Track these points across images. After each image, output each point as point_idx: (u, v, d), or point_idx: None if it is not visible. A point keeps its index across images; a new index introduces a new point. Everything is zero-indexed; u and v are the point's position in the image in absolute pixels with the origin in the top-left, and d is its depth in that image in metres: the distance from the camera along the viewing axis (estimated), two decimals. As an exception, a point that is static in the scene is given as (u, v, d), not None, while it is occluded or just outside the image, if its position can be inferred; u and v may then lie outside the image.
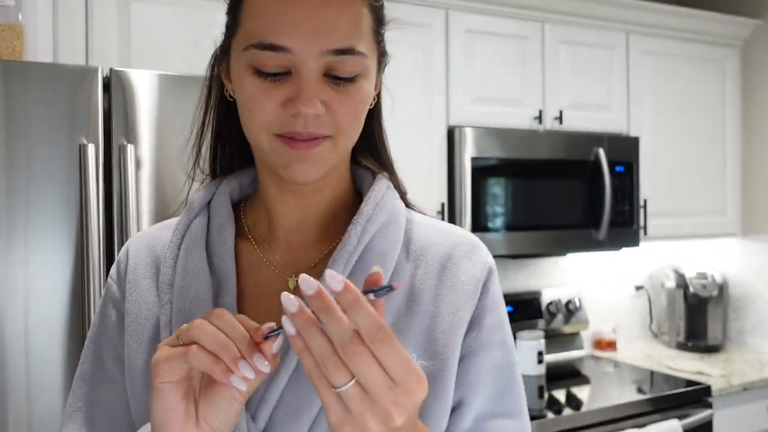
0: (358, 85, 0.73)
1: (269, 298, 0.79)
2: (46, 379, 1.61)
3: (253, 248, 0.83)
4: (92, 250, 1.62)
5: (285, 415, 0.72)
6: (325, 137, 0.73)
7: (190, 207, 0.84)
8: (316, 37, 0.70)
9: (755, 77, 3.29)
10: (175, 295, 0.77)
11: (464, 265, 0.81)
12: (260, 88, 0.72)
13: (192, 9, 2.10)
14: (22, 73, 1.60)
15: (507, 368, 0.82)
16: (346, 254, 0.77)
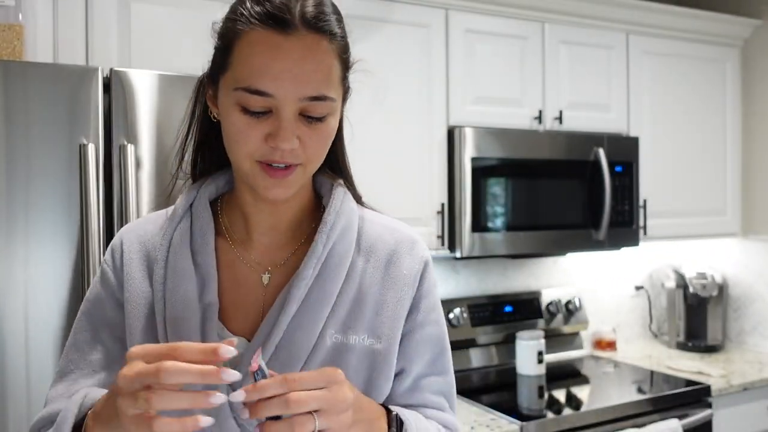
0: (327, 122, 0.88)
1: (245, 291, 0.96)
2: (46, 378, 1.61)
3: (230, 246, 0.98)
4: (92, 250, 1.62)
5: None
6: (296, 165, 0.88)
7: (175, 211, 0.98)
8: (295, 87, 0.84)
9: (755, 77, 3.29)
10: (167, 293, 0.92)
11: (406, 260, 0.99)
12: (246, 123, 0.86)
13: (192, 9, 2.10)
14: (22, 73, 1.60)
15: (439, 340, 1.02)
16: (315, 259, 0.93)
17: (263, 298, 0.95)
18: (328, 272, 0.93)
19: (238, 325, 0.93)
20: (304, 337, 0.90)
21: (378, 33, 2.41)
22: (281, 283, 0.95)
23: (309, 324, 0.91)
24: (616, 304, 3.42)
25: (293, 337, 0.90)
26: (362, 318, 0.94)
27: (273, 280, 0.96)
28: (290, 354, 0.89)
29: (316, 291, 0.92)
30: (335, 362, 0.91)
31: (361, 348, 0.93)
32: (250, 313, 0.94)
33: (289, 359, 0.89)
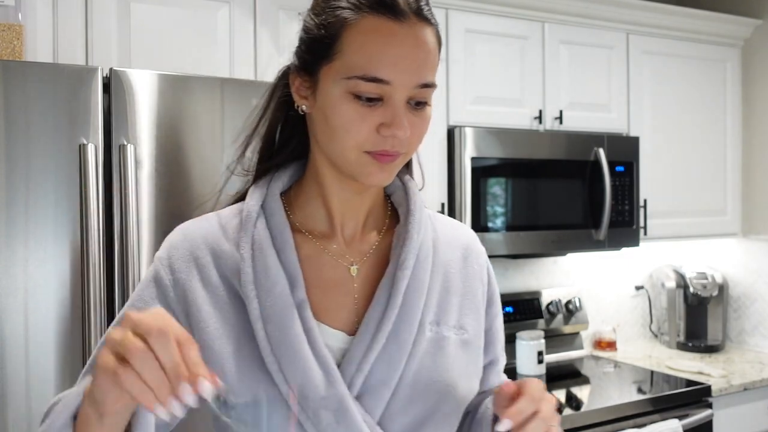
0: (428, 109, 0.89)
1: (333, 285, 0.94)
2: (46, 378, 1.61)
3: (309, 240, 0.96)
4: (92, 250, 1.62)
5: (377, 382, 0.88)
6: (401, 153, 0.88)
7: (252, 209, 0.95)
8: (412, 73, 0.85)
9: (755, 77, 3.29)
10: (261, 292, 0.89)
11: (476, 254, 1.04)
12: (357, 113, 0.85)
13: (192, 9, 2.10)
14: (22, 73, 1.60)
15: (501, 327, 1.08)
16: (414, 248, 0.94)
17: (354, 290, 0.94)
18: (421, 262, 0.95)
19: (332, 318, 0.92)
20: (408, 328, 0.90)
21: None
22: (372, 274, 0.95)
23: (411, 315, 0.91)
24: (616, 304, 3.41)
25: (399, 329, 0.90)
26: (451, 310, 0.96)
27: (361, 272, 0.96)
28: (398, 346, 0.89)
29: (413, 281, 0.93)
30: (436, 355, 0.92)
31: (454, 340, 0.95)
32: (344, 307, 0.93)
33: (397, 351, 0.89)
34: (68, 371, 1.62)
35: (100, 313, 1.62)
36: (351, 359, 0.88)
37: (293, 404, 0.85)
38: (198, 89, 1.80)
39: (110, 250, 1.68)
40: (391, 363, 0.88)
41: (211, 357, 0.87)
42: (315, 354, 0.87)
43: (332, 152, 0.90)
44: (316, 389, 0.85)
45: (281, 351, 0.86)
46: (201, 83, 1.81)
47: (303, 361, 0.85)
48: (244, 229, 0.93)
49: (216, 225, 0.97)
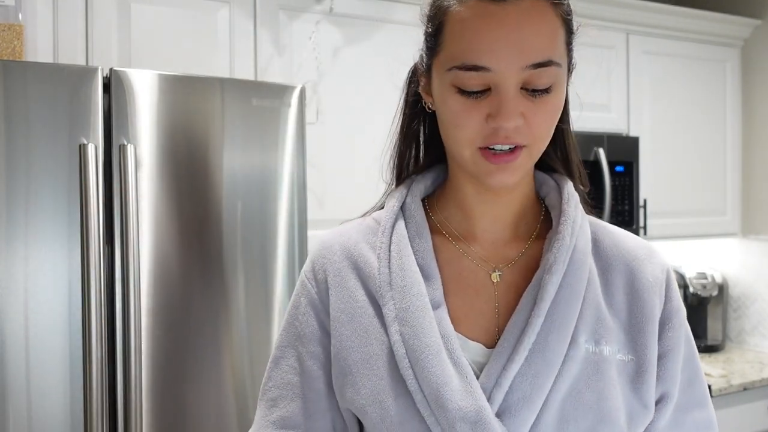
0: (553, 94, 0.79)
1: (474, 291, 0.87)
2: (47, 378, 1.61)
3: (449, 243, 0.90)
4: (92, 250, 1.62)
5: (518, 400, 0.79)
6: (521, 147, 0.80)
7: (391, 210, 0.91)
8: (515, 56, 0.76)
9: (755, 77, 3.29)
10: (396, 293, 0.84)
11: (648, 267, 0.90)
12: (463, 106, 0.79)
13: (192, 9, 2.10)
14: (22, 73, 1.60)
15: (693, 359, 0.91)
16: (564, 253, 0.84)
17: (496, 298, 0.86)
18: (574, 269, 0.84)
19: (469, 328, 0.85)
20: (557, 341, 0.80)
21: (379, 33, 2.41)
22: (516, 282, 0.87)
23: (561, 326, 0.81)
24: (616, 304, 3.41)
25: (546, 341, 0.80)
26: (611, 328, 0.85)
27: (505, 279, 0.87)
28: (545, 361, 0.80)
29: (564, 289, 0.83)
30: (594, 375, 0.82)
31: (616, 362, 0.83)
32: (483, 316, 0.86)
33: (544, 367, 0.79)
34: (68, 371, 1.63)
35: (100, 313, 1.62)
36: (490, 373, 0.80)
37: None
38: (198, 89, 1.80)
39: (111, 250, 1.68)
40: (536, 379, 0.79)
41: (344, 367, 0.85)
42: (453, 361, 0.80)
43: (452, 151, 0.85)
44: (453, 398, 0.78)
45: (416, 355, 0.80)
46: (201, 83, 1.81)
47: (440, 367, 0.79)
48: (382, 230, 0.90)
49: (355, 231, 0.94)
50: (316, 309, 0.90)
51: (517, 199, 0.90)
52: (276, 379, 0.91)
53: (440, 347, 0.81)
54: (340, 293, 0.89)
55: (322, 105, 2.32)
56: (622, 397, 0.83)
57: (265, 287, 1.86)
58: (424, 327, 0.81)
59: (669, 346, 0.87)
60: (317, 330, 0.89)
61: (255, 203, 1.85)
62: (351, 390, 0.84)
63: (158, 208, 1.73)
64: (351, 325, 0.87)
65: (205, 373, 1.78)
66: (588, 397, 0.81)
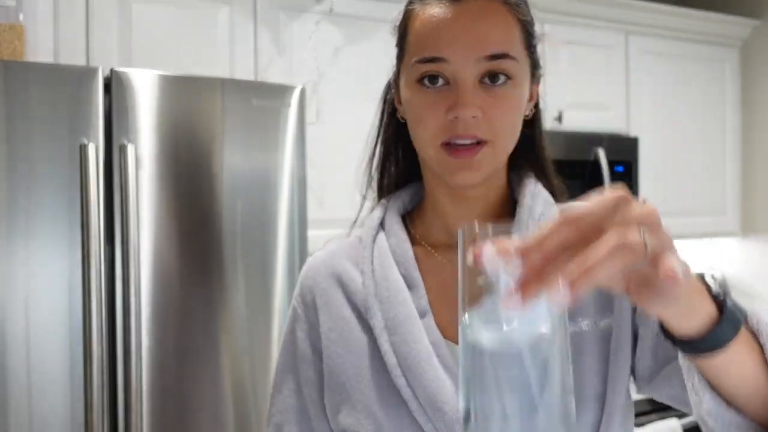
0: (510, 89, 0.81)
1: (454, 294, 0.84)
2: (47, 379, 1.61)
3: (431, 254, 0.91)
4: (93, 250, 1.62)
5: None
6: (484, 143, 0.81)
7: (370, 226, 0.93)
8: (472, 46, 0.79)
9: (755, 77, 3.29)
10: (383, 304, 0.86)
11: None
12: (425, 100, 0.81)
13: (192, 9, 2.10)
14: (22, 73, 1.60)
15: None
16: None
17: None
18: None
19: (455, 333, 0.85)
20: None
21: (379, 33, 2.41)
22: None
23: None
24: (615, 304, 3.41)
25: None
26: (587, 300, 0.85)
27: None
28: None
29: None
30: (575, 352, 0.76)
31: (593, 331, 0.83)
32: None
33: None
34: (68, 371, 1.63)
35: (100, 313, 1.62)
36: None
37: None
38: (198, 89, 1.80)
39: (111, 250, 1.68)
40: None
41: (338, 384, 0.86)
42: (444, 366, 0.81)
43: (420, 152, 0.87)
44: (450, 401, 0.78)
45: (408, 363, 0.81)
46: (201, 83, 1.82)
47: (433, 372, 0.80)
48: (363, 245, 0.92)
49: (339, 249, 0.95)
50: (307, 332, 0.92)
51: (492, 201, 0.90)
52: (278, 405, 0.94)
53: (431, 353, 0.81)
54: (328, 312, 0.90)
55: (322, 105, 2.32)
56: (598, 361, 0.82)
57: (265, 287, 1.87)
58: (414, 334, 0.82)
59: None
60: (311, 355, 0.91)
61: (255, 203, 1.85)
62: (346, 407, 0.85)
63: (158, 208, 1.74)
64: (341, 341, 0.88)
65: (205, 372, 1.78)
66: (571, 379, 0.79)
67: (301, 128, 1.92)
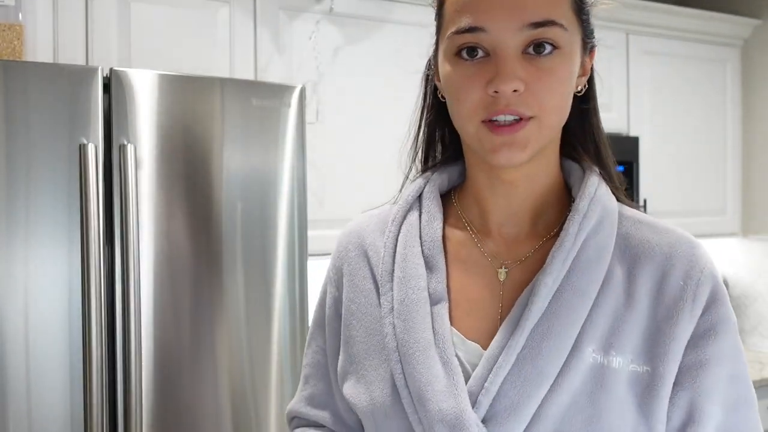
0: (558, 59, 0.74)
1: (479, 288, 0.82)
2: (47, 379, 1.61)
3: (466, 235, 0.86)
4: (92, 250, 1.62)
5: (505, 408, 0.73)
6: (528, 119, 0.74)
7: (405, 200, 0.88)
8: (511, 13, 0.72)
9: (755, 77, 3.29)
10: (395, 284, 0.82)
11: (683, 266, 0.79)
12: (463, 75, 0.75)
13: (192, 9, 2.10)
14: (22, 73, 1.60)
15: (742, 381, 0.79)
16: (564, 252, 0.77)
17: (500, 298, 0.81)
18: (582, 270, 0.76)
19: (470, 326, 0.80)
20: (552, 348, 0.73)
21: (378, 32, 2.41)
22: (523, 280, 0.80)
23: (559, 332, 0.74)
24: (616, 304, 3.41)
25: (539, 347, 0.74)
26: (629, 336, 0.76)
27: (511, 277, 0.81)
28: (535, 369, 0.73)
29: (567, 291, 0.76)
30: (597, 389, 0.74)
31: (626, 374, 0.75)
32: (486, 315, 0.80)
33: (534, 375, 0.73)
34: (68, 371, 1.63)
35: (100, 313, 1.62)
36: (477, 375, 0.75)
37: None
38: (198, 89, 1.80)
39: (111, 250, 1.68)
40: (525, 387, 0.73)
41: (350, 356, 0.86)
42: (442, 360, 0.76)
43: (459, 131, 0.80)
44: (435, 398, 0.74)
45: (405, 350, 0.78)
46: (201, 83, 1.81)
47: (426, 365, 0.76)
48: (393, 217, 0.87)
49: (374, 218, 0.92)
50: (334, 298, 0.91)
51: (536, 190, 0.83)
52: (308, 357, 0.95)
53: (430, 344, 0.77)
54: (351, 282, 0.88)
55: (322, 105, 2.32)
56: (629, 416, 0.74)
57: (264, 287, 1.86)
58: (417, 321, 0.78)
59: (708, 356, 0.76)
60: (335, 322, 0.90)
61: (255, 203, 1.85)
62: (352, 379, 0.84)
63: (158, 208, 1.73)
64: (358, 314, 0.86)
65: (204, 373, 1.78)
66: (588, 416, 0.73)
67: (301, 128, 1.92)
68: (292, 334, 1.90)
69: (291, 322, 1.89)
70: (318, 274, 2.07)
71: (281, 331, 1.88)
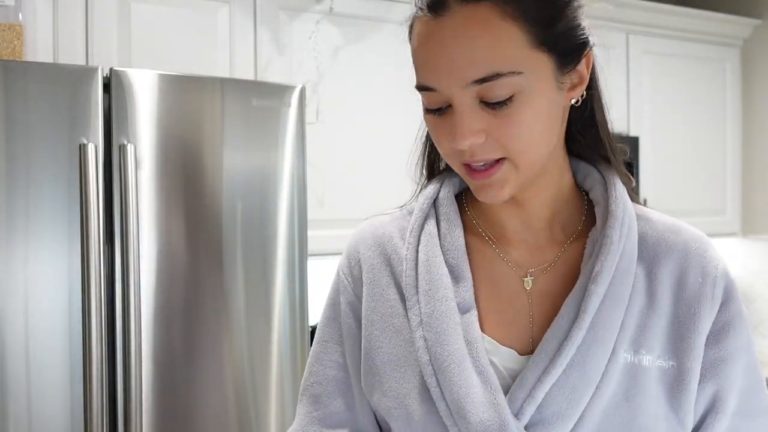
0: (517, 104, 0.72)
1: (506, 297, 0.82)
2: (47, 379, 1.61)
3: (485, 242, 0.85)
4: (92, 250, 1.62)
5: (552, 415, 0.74)
6: (499, 160, 0.74)
7: (421, 209, 0.87)
8: (451, 74, 0.71)
9: (755, 77, 3.29)
10: (422, 297, 0.81)
11: (699, 265, 0.82)
12: (434, 124, 0.76)
13: (192, 9, 2.10)
14: (22, 73, 1.60)
15: (755, 370, 0.83)
16: (612, 261, 0.78)
17: (530, 306, 0.81)
18: (620, 277, 0.78)
19: (502, 333, 0.80)
20: (598, 354, 0.75)
21: (379, 33, 2.41)
22: (551, 289, 0.81)
23: (603, 339, 0.76)
24: (616, 304, 3.42)
25: (587, 354, 0.75)
26: (655, 334, 0.78)
27: (538, 285, 0.82)
28: (584, 375, 0.75)
29: (609, 299, 0.77)
30: (632, 388, 0.76)
31: (655, 370, 0.77)
32: (516, 322, 0.81)
33: (582, 382, 0.74)
34: (68, 371, 1.63)
35: (100, 313, 1.62)
36: (522, 383, 0.75)
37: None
38: (198, 89, 1.80)
39: (110, 250, 1.68)
40: (573, 394, 0.74)
41: (372, 367, 0.83)
42: (477, 370, 0.76)
43: None
44: (475, 410, 0.74)
45: (439, 363, 0.77)
46: (201, 83, 1.81)
47: (462, 376, 0.76)
48: (410, 229, 0.86)
49: (390, 224, 0.90)
50: (353, 307, 0.88)
51: (547, 200, 0.84)
52: (318, 375, 0.89)
53: (464, 355, 0.77)
54: (373, 290, 0.86)
55: (322, 105, 2.32)
56: (661, 410, 0.77)
57: (264, 287, 1.86)
58: (449, 333, 0.78)
59: (728, 352, 0.80)
60: (356, 329, 0.87)
61: (255, 203, 1.85)
62: (378, 391, 0.83)
63: (158, 208, 1.73)
64: (381, 324, 0.84)
65: (205, 372, 1.78)
66: (625, 414, 0.75)
67: (301, 128, 1.92)
68: (292, 334, 1.90)
69: (291, 321, 1.90)
70: (318, 274, 2.07)
71: (281, 331, 1.88)
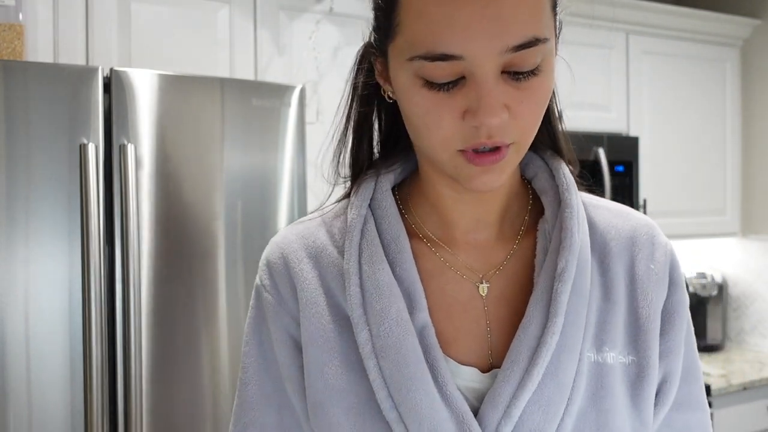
0: (542, 75, 0.65)
1: (461, 307, 0.73)
2: (47, 379, 1.61)
3: (429, 249, 0.75)
4: (92, 250, 1.62)
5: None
6: (508, 145, 0.65)
7: (358, 211, 0.74)
8: (492, 38, 0.60)
9: (755, 77, 3.29)
10: (371, 318, 0.70)
11: (649, 251, 0.76)
12: (433, 102, 0.63)
13: (192, 9, 2.10)
14: (22, 73, 1.60)
15: (692, 352, 0.78)
16: (575, 254, 0.71)
17: (485, 314, 0.72)
18: (581, 270, 0.71)
19: (461, 351, 0.71)
20: (569, 360, 0.68)
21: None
22: (506, 292, 0.73)
23: (573, 342, 0.69)
24: (615, 304, 3.42)
25: (559, 361, 0.68)
26: (615, 328, 0.72)
27: (493, 289, 0.73)
28: (558, 385, 0.67)
29: (573, 296, 0.70)
30: (599, 390, 0.70)
31: (619, 367, 0.71)
32: (472, 336, 0.72)
33: (556, 392, 0.67)
34: (68, 371, 1.63)
35: (100, 313, 1.62)
36: (495, 403, 0.66)
37: None
38: (198, 89, 1.80)
39: (111, 250, 1.68)
40: (549, 407, 0.67)
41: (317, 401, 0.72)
42: (443, 397, 0.67)
43: (424, 151, 0.71)
44: None
45: (400, 394, 0.67)
46: (201, 83, 1.82)
47: (428, 406, 0.66)
48: (349, 238, 0.73)
49: (317, 229, 0.78)
50: (292, 337, 0.75)
51: (502, 193, 0.75)
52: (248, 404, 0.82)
53: (427, 382, 0.67)
54: (310, 313, 0.73)
55: (322, 105, 2.32)
56: (626, 410, 0.71)
57: (265, 287, 1.86)
58: (408, 360, 0.67)
59: (675, 342, 0.75)
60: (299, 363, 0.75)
61: (255, 203, 1.85)
62: (326, 427, 0.72)
63: (158, 208, 1.74)
64: (326, 347, 0.72)
65: (205, 372, 1.78)
66: (594, 416, 0.69)
67: (300, 128, 1.92)
68: (292, 334, 1.90)
69: (291, 321, 1.90)
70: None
71: (281, 331, 1.88)
